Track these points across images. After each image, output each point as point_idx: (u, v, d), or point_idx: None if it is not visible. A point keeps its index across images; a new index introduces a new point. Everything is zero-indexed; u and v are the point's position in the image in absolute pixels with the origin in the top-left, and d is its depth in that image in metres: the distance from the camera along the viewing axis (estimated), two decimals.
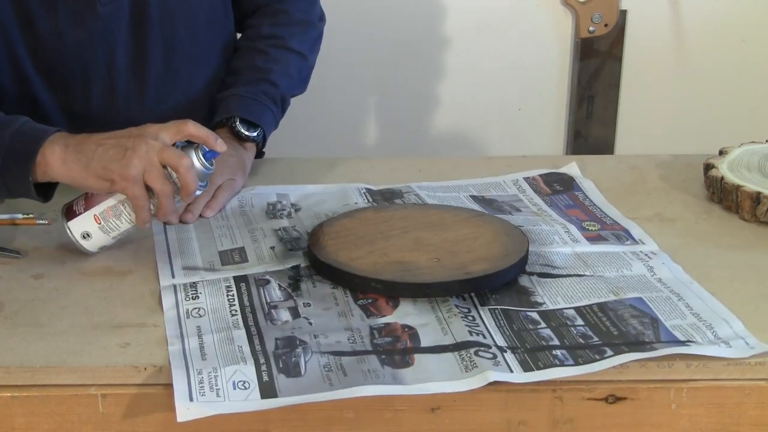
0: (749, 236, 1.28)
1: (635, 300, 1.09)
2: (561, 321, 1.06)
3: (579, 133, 2.45)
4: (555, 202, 1.37)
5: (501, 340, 1.02)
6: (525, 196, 1.39)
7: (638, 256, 1.20)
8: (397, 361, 0.99)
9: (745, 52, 2.40)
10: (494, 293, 1.11)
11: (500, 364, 0.98)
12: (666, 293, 1.11)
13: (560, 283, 1.14)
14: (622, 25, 2.37)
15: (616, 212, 1.33)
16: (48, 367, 0.99)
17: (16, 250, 1.23)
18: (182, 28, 1.47)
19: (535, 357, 0.99)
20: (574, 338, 1.02)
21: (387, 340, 1.03)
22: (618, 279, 1.14)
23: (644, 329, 1.04)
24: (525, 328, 1.05)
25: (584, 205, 1.36)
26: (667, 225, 1.31)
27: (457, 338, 1.02)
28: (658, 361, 0.99)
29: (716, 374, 0.99)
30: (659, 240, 1.25)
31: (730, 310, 1.08)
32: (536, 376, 0.97)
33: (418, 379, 0.96)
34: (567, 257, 1.20)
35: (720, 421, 1.00)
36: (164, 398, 0.98)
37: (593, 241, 1.25)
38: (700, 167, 1.42)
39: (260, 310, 1.09)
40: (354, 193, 1.40)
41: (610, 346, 1.00)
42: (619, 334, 1.03)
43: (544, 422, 0.99)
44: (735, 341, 1.01)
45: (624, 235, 1.26)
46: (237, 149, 1.44)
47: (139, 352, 1.02)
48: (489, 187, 1.42)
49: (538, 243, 1.23)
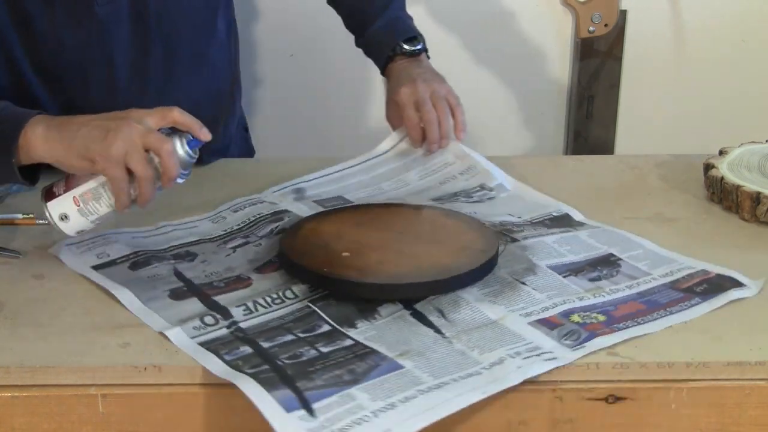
0: (749, 236, 1.28)
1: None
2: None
3: (579, 133, 2.45)
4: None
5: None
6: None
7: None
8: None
9: (745, 52, 2.40)
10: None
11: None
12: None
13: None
14: (622, 25, 2.37)
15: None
16: (48, 367, 0.99)
17: (16, 250, 1.23)
18: (182, 28, 1.46)
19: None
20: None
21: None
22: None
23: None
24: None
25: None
26: (667, 225, 1.31)
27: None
28: (659, 362, 0.99)
29: (716, 374, 0.99)
30: (659, 240, 1.25)
31: (731, 310, 1.08)
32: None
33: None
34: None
35: (720, 421, 1.00)
36: (164, 398, 0.98)
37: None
38: (700, 167, 1.42)
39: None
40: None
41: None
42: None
43: (544, 422, 0.99)
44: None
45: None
46: (421, 65, 1.53)
47: (139, 352, 1.02)
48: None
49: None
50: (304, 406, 0.93)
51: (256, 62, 2.25)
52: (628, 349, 1.01)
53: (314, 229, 1.25)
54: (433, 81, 1.49)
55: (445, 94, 1.48)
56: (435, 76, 1.52)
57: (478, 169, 1.42)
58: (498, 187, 1.40)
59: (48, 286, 1.16)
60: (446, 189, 1.40)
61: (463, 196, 1.38)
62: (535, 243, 1.22)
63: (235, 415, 0.98)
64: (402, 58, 1.54)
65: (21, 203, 1.33)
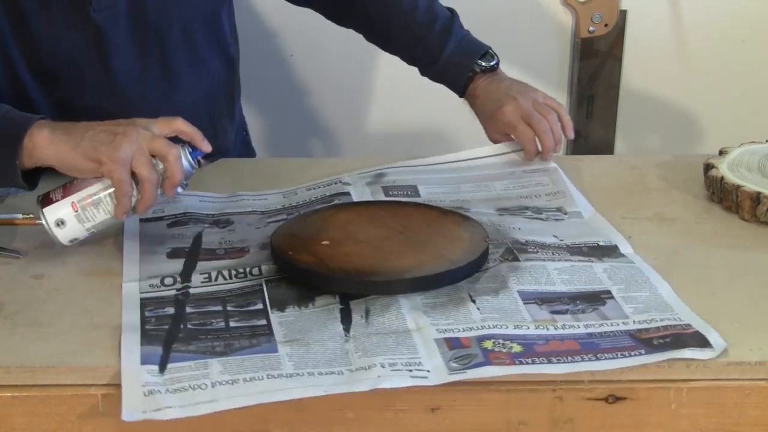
0: (749, 236, 1.28)
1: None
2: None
3: (579, 133, 2.45)
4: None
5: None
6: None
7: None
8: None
9: (745, 52, 2.40)
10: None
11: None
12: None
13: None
14: (622, 25, 2.37)
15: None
16: (48, 367, 0.99)
17: (16, 250, 1.23)
18: (181, 34, 1.46)
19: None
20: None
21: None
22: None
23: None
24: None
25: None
26: (667, 225, 1.31)
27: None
28: (659, 362, 0.99)
29: (716, 374, 0.99)
30: (659, 240, 1.25)
31: (731, 310, 1.08)
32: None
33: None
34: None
35: (720, 421, 1.00)
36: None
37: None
38: (700, 167, 1.42)
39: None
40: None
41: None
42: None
43: (544, 422, 0.99)
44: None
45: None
46: (503, 78, 1.54)
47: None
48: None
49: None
50: (160, 364, 0.99)
51: (256, 62, 2.25)
52: None
53: (320, 217, 1.28)
54: (528, 91, 1.50)
55: (544, 101, 1.49)
56: (523, 85, 1.52)
57: (565, 194, 1.38)
58: (573, 213, 1.33)
59: (48, 286, 1.16)
60: (521, 202, 1.36)
61: (532, 211, 1.33)
62: (532, 266, 1.16)
63: (235, 414, 0.98)
64: (481, 76, 1.54)
65: (21, 203, 1.33)
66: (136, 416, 0.94)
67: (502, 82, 1.53)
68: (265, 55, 2.29)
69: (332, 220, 1.26)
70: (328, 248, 1.19)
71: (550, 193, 1.38)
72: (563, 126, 1.48)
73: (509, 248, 1.21)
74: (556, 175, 1.43)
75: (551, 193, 1.38)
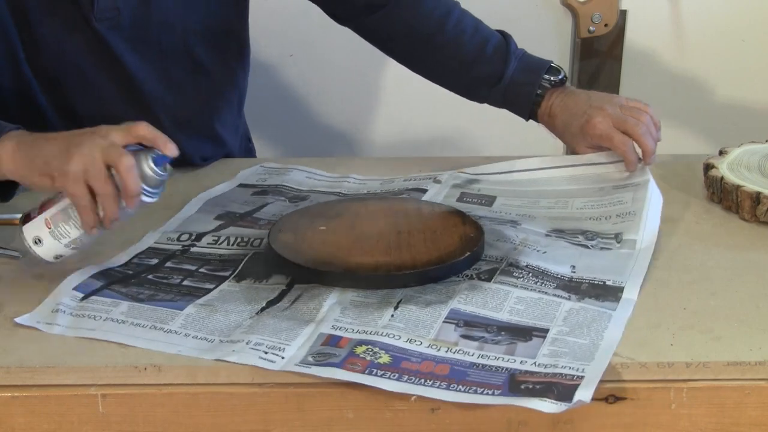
0: (749, 236, 1.28)
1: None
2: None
3: None
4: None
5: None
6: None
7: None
8: None
9: (745, 52, 2.40)
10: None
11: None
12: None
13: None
14: (622, 25, 2.37)
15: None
16: (48, 367, 0.99)
17: (15, 249, 1.23)
18: (182, 44, 1.46)
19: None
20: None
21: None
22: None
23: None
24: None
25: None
26: (668, 225, 1.30)
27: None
28: (659, 361, 0.99)
29: (716, 374, 0.99)
30: (659, 240, 1.25)
31: (731, 311, 1.08)
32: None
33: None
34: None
35: (720, 421, 1.00)
36: (164, 398, 0.98)
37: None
38: (699, 167, 1.42)
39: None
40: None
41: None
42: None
43: (544, 422, 0.99)
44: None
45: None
46: (576, 91, 1.44)
47: (139, 352, 1.02)
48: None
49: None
50: (86, 294, 1.12)
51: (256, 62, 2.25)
52: (629, 349, 1.01)
53: (340, 205, 1.33)
54: (611, 98, 1.41)
55: (629, 104, 1.40)
56: (601, 93, 1.43)
57: (635, 217, 1.27)
58: (628, 241, 1.24)
59: (48, 287, 1.15)
60: (583, 224, 1.29)
61: (585, 236, 1.25)
62: (495, 289, 1.12)
63: (235, 414, 0.98)
64: (553, 92, 1.45)
65: (21, 204, 1.32)
66: (27, 322, 1.07)
67: (578, 94, 1.43)
68: (266, 55, 2.29)
69: (350, 209, 1.30)
70: (312, 233, 1.22)
71: (622, 213, 1.29)
72: (655, 125, 1.39)
73: (496, 268, 1.17)
74: (640, 193, 1.31)
75: (623, 213, 1.29)
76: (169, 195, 1.23)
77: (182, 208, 1.37)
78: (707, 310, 1.09)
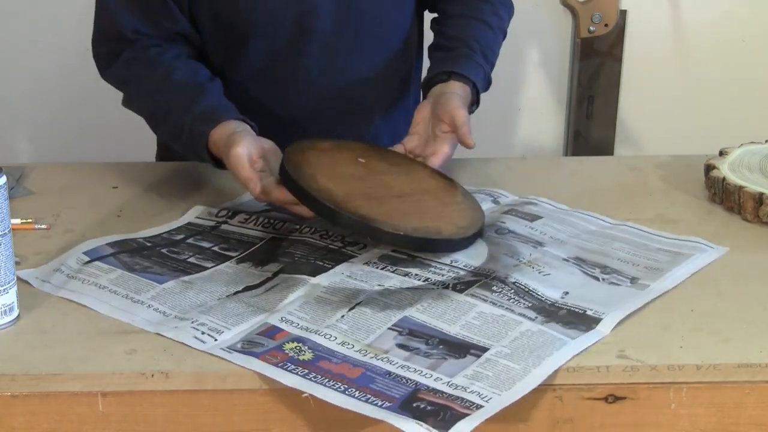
0: (752, 237, 1.28)
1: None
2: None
3: (579, 134, 2.45)
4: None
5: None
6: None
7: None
8: None
9: (745, 52, 2.40)
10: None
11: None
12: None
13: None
14: (622, 25, 2.37)
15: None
16: (54, 375, 0.99)
17: (15, 255, 1.22)
18: (370, 8, 1.47)
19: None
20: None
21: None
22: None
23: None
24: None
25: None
26: (670, 226, 1.30)
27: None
28: (669, 364, 0.99)
29: (716, 374, 0.99)
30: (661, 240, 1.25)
31: (738, 312, 1.09)
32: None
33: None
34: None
35: (720, 421, 1.00)
36: (165, 398, 0.98)
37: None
38: (700, 168, 1.42)
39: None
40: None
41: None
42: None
43: (544, 422, 0.99)
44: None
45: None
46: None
47: (145, 358, 1.01)
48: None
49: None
50: (91, 258, 1.19)
51: None
52: (638, 351, 1.01)
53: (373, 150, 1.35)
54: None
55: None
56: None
57: (661, 273, 1.18)
58: (641, 285, 1.15)
59: (50, 292, 1.15)
60: (611, 262, 1.20)
61: (604, 271, 1.18)
62: (462, 301, 1.09)
63: (235, 414, 0.98)
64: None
65: (20, 207, 1.32)
66: (26, 277, 1.15)
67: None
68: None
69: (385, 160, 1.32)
70: (357, 168, 1.27)
71: (650, 267, 1.19)
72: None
73: (476, 281, 1.13)
74: (679, 259, 1.21)
75: (652, 268, 1.19)
76: None
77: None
78: (715, 311, 1.09)
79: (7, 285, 1.06)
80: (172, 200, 1.37)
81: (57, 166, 1.57)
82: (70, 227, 1.30)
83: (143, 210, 1.35)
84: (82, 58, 2.32)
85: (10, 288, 1.07)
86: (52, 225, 1.30)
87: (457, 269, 1.16)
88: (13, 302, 1.07)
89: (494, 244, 1.22)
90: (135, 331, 1.06)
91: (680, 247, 1.24)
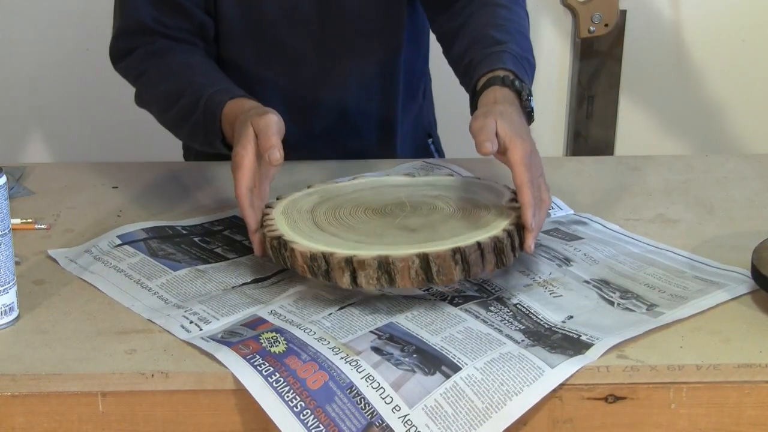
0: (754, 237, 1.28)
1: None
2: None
3: (579, 134, 2.46)
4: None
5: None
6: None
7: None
8: None
9: (745, 52, 2.40)
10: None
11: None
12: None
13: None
14: (622, 25, 2.37)
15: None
16: (54, 375, 0.99)
17: (15, 255, 1.22)
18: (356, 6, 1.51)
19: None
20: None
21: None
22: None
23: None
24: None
25: None
26: (670, 226, 1.30)
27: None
28: (669, 364, 0.99)
29: (716, 374, 0.99)
30: (663, 242, 1.25)
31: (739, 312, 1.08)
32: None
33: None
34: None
35: (720, 420, 1.00)
36: (165, 398, 0.98)
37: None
38: (700, 167, 1.42)
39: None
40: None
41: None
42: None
43: (544, 422, 0.99)
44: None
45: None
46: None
47: (145, 358, 1.01)
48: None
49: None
50: (123, 242, 1.22)
51: None
52: (638, 351, 1.01)
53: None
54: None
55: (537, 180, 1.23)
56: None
57: (683, 302, 1.11)
58: (657, 312, 1.09)
59: (49, 291, 1.15)
60: (635, 287, 1.15)
61: (624, 296, 1.13)
62: (454, 314, 1.07)
63: (235, 414, 0.98)
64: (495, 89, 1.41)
65: (20, 207, 1.32)
66: (55, 255, 1.21)
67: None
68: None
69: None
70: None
71: (677, 295, 1.13)
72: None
73: (474, 297, 1.11)
74: (710, 289, 1.14)
75: (678, 296, 1.13)
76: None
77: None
78: (714, 312, 1.09)
79: (7, 285, 1.06)
80: (172, 200, 1.37)
81: (57, 166, 1.57)
82: (70, 227, 1.30)
83: (143, 210, 1.35)
84: (82, 59, 2.34)
85: (10, 288, 1.07)
86: (52, 225, 1.30)
87: (462, 281, 1.11)
88: (13, 302, 1.07)
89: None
90: (135, 331, 1.06)
91: (719, 276, 1.16)
